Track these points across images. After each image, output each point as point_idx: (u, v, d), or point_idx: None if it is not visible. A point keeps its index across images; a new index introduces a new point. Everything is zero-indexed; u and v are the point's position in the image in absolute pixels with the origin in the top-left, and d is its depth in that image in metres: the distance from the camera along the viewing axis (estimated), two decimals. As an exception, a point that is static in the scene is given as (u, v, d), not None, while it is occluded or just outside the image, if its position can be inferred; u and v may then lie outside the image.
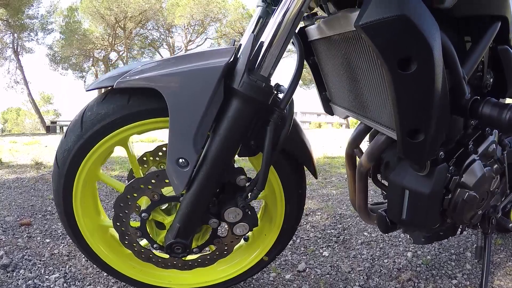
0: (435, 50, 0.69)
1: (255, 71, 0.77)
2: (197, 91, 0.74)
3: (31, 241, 1.74)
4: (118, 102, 0.85)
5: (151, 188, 0.89)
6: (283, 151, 0.85)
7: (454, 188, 0.92)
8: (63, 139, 0.90)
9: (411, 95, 0.72)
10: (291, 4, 0.75)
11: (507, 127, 0.79)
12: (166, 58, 0.82)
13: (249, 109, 0.77)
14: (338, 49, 0.95)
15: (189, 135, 0.75)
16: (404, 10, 0.66)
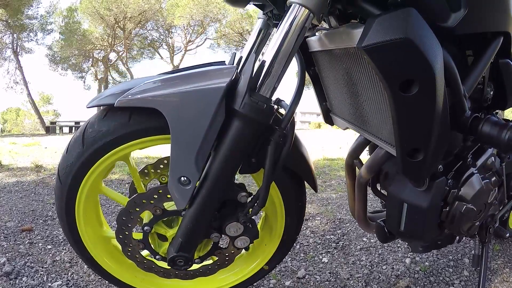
0: (437, 73, 0.69)
1: (256, 91, 0.77)
2: (198, 112, 0.75)
3: (33, 247, 1.76)
4: (119, 120, 0.86)
5: (153, 203, 0.91)
6: (284, 167, 0.85)
7: (452, 201, 0.93)
8: (65, 154, 0.91)
9: (412, 116, 0.73)
10: (292, 23, 0.75)
11: (505, 147, 0.80)
12: (167, 76, 0.82)
13: (250, 130, 0.78)
14: (339, 62, 0.95)
15: (190, 154, 0.76)
16: (408, 33, 0.66)
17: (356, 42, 0.81)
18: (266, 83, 0.78)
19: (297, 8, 0.74)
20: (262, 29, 1.08)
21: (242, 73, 0.78)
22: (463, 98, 0.81)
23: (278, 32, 0.77)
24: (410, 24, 0.67)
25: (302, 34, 0.77)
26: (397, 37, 0.65)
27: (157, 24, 25.17)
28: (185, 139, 0.76)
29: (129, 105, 0.80)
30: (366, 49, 0.67)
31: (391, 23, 0.67)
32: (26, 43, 24.23)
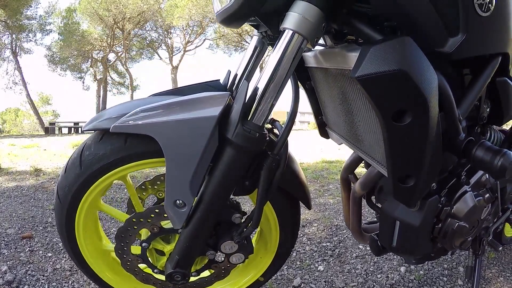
0: (431, 104, 0.69)
1: (249, 119, 0.78)
2: (192, 140, 0.76)
3: (33, 255, 1.78)
4: (115, 144, 0.88)
5: (150, 221, 0.93)
6: (278, 187, 0.87)
7: (445, 218, 0.94)
8: (63, 175, 0.93)
9: (404, 144, 0.73)
10: (285, 50, 0.75)
11: (497, 173, 0.80)
12: (162, 102, 0.82)
13: (243, 157, 0.79)
14: (335, 81, 0.96)
15: (185, 179, 0.78)
16: (404, 65, 0.65)
17: (351, 65, 0.80)
18: (259, 111, 0.78)
19: (291, 34, 0.74)
20: (257, 47, 1.08)
21: (235, 100, 0.79)
22: (458, 122, 0.82)
23: (272, 59, 0.77)
24: (405, 55, 0.66)
25: (296, 60, 0.77)
26: (392, 69, 0.65)
27: (156, 24, 25.18)
28: (180, 165, 0.78)
29: (123, 131, 0.81)
30: (359, 79, 0.67)
31: (386, 54, 0.66)
32: (25, 44, 24.26)
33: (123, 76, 29.26)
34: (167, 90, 0.98)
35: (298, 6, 0.72)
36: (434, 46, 0.75)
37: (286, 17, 0.74)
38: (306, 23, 0.72)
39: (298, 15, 0.72)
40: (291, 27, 0.73)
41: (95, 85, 27.22)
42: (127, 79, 28.40)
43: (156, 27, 25.51)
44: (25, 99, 25.55)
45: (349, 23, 0.81)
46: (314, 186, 3.42)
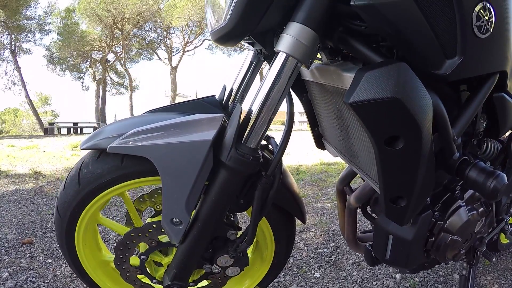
0: (425, 130, 0.69)
1: (243, 142, 0.78)
2: (187, 162, 0.78)
3: (34, 261, 1.80)
4: (112, 163, 0.89)
5: (148, 236, 0.96)
6: (273, 204, 0.89)
7: (438, 232, 0.95)
8: (63, 191, 0.95)
9: (396, 168, 0.73)
10: (279, 73, 0.75)
11: (489, 195, 0.81)
12: (156, 124, 0.83)
13: (237, 179, 0.80)
14: (331, 97, 0.97)
15: (181, 199, 0.80)
16: (397, 92, 0.65)
17: (346, 84, 0.82)
18: (253, 135, 0.78)
19: (285, 56, 0.74)
20: (253, 61, 1.09)
21: (229, 123, 0.80)
22: (452, 142, 0.82)
23: (265, 81, 0.77)
24: (399, 82, 0.66)
25: (290, 83, 0.77)
26: (385, 96, 0.65)
27: (155, 25, 25.17)
28: (175, 186, 0.80)
29: (120, 152, 0.82)
30: (353, 106, 0.67)
31: (380, 80, 0.66)
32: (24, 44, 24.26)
33: (122, 76, 29.26)
34: (163, 107, 1.00)
35: (292, 28, 0.73)
36: (430, 68, 0.75)
37: (281, 39, 0.74)
38: (300, 46, 0.72)
39: (292, 38, 0.72)
40: (285, 50, 0.73)
41: (94, 86, 27.24)
42: (126, 79, 28.41)
43: (155, 27, 25.51)
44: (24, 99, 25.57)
45: (345, 41, 0.82)
46: (312, 189, 3.44)
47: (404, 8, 0.68)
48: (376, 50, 0.78)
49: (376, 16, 0.69)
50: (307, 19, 0.71)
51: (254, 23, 0.74)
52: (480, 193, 0.84)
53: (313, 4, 0.71)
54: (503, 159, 1.13)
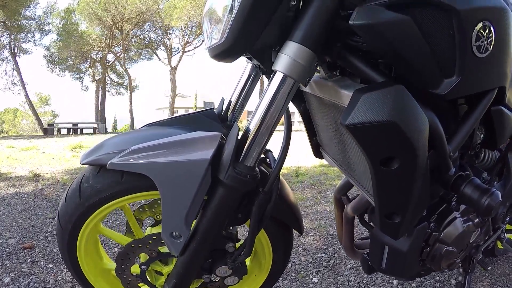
0: (420, 152, 0.70)
1: (240, 161, 0.79)
2: (185, 180, 0.79)
3: (35, 266, 1.81)
4: (112, 178, 0.91)
5: (148, 247, 0.98)
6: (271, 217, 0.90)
7: (433, 243, 0.96)
8: (64, 203, 0.96)
9: (391, 186, 0.74)
10: (277, 92, 0.75)
11: (483, 212, 0.82)
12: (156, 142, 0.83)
13: (234, 196, 0.82)
14: (328, 111, 0.97)
15: (180, 215, 0.81)
16: (394, 116, 0.65)
17: (343, 101, 0.83)
18: (251, 152, 0.79)
19: (282, 76, 0.74)
20: (251, 74, 1.10)
21: (227, 142, 0.81)
22: (448, 158, 0.82)
23: (263, 100, 0.77)
24: (396, 106, 0.66)
25: (287, 102, 0.78)
26: (381, 120, 0.65)
27: (154, 25, 25.22)
28: (174, 202, 0.81)
29: (119, 168, 0.84)
30: (349, 127, 0.67)
31: (376, 103, 0.66)
32: (24, 44, 24.30)
33: (122, 76, 29.31)
34: (161, 120, 1.01)
35: (290, 47, 0.72)
36: (428, 87, 0.75)
37: (278, 59, 0.74)
38: (298, 66, 0.72)
39: (290, 59, 0.72)
40: (282, 70, 0.73)
41: (94, 86, 27.29)
42: (125, 79, 28.46)
43: (155, 27, 25.56)
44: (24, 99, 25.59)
45: (343, 57, 0.81)
46: (311, 192, 3.46)
47: (403, 28, 0.68)
48: (374, 67, 0.78)
49: (375, 36, 0.70)
50: (304, 38, 0.71)
51: (252, 41, 0.74)
52: (474, 210, 0.86)
53: (310, 24, 0.71)
54: (501, 168, 1.14)
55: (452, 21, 0.70)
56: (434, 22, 0.70)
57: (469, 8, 0.71)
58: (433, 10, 0.70)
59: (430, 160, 0.77)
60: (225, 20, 0.74)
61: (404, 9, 0.68)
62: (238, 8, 0.70)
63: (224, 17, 0.74)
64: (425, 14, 0.69)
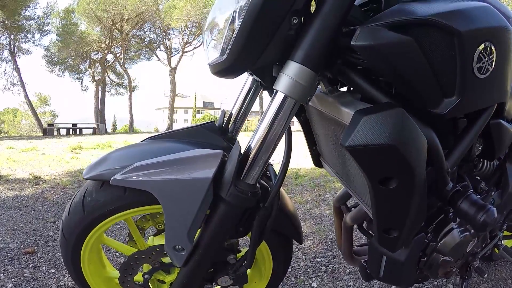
0: (418, 171, 0.71)
1: (242, 179, 0.80)
2: (188, 197, 0.80)
3: (37, 271, 1.83)
4: (115, 193, 0.92)
5: (151, 258, 1.00)
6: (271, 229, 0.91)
7: (430, 253, 0.98)
8: (67, 216, 0.97)
9: (389, 204, 0.76)
10: (278, 112, 0.75)
11: (479, 228, 0.83)
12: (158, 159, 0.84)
13: (235, 212, 0.83)
14: (328, 124, 0.98)
15: (183, 229, 0.83)
16: (393, 140, 0.66)
17: (343, 118, 0.85)
18: (252, 170, 0.80)
19: (283, 97, 0.74)
20: (251, 87, 1.10)
21: (228, 160, 0.82)
22: (446, 174, 0.83)
23: (264, 119, 0.77)
24: (396, 129, 0.67)
25: (288, 121, 0.78)
26: (381, 143, 0.66)
27: (154, 25, 25.21)
28: (177, 218, 0.83)
29: (122, 185, 0.85)
30: (349, 149, 0.69)
31: (377, 126, 0.67)
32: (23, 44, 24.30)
33: (122, 77, 29.31)
34: (162, 133, 1.02)
35: (291, 68, 0.73)
36: (427, 106, 0.76)
37: (279, 78, 0.74)
38: (299, 87, 0.72)
39: (291, 79, 0.72)
40: (283, 91, 0.74)
41: (94, 86, 27.27)
42: (125, 80, 28.47)
43: (155, 28, 25.55)
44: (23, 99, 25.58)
45: (344, 73, 0.82)
46: (311, 195, 3.47)
47: (405, 49, 0.69)
48: (375, 84, 0.79)
49: (376, 57, 0.70)
50: (305, 58, 0.71)
51: (253, 60, 0.74)
52: (470, 225, 0.86)
53: (312, 43, 0.71)
54: (499, 177, 1.15)
55: (454, 42, 0.71)
56: (436, 43, 0.70)
57: (471, 29, 0.71)
58: (436, 31, 0.70)
59: (428, 176, 0.78)
60: (226, 38, 0.74)
61: (406, 30, 0.69)
62: (239, 27, 0.70)
63: (225, 35, 0.74)
64: (427, 35, 0.70)
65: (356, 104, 0.82)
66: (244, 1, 0.70)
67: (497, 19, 0.77)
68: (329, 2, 0.70)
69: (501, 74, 0.81)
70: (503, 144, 0.99)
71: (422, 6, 0.71)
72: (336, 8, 0.70)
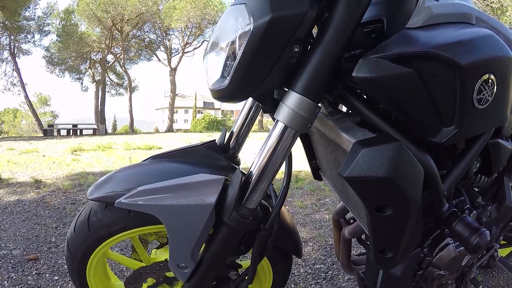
0: (414, 200, 0.73)
1: (243, 203, 0.82)
2: (191, 221, 0.83)
3: (41, 278, 1.85)
4: (120, 213, 0.94)
5: (155, 273, 1.03)
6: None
7: (426, 267, 1.00)
8: (73, 233, 0.99)
9: (385, 229, 0.78)
10: (278, 141, 0.76)
11: (472, 250, 0.85)
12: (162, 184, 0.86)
13: (237, 235, 0.86)
14: (328, 143, 1.00)
15: (187, 250, 0.86)
16: (391, 173, 0.68)
17: (343, 143, 0.86)
18: (253, 196, 0.82)
19: (283, 126, 0.75)
20: (252, 107, 1.12)
21: (230, 186, 0.84)
22: (442, 197, 0.84)
23: (265, 147, 0.79)
24: (393, 163, 0.69)
25: (289, 149, 0.79)
26: (379, 176, 0.68)
27: (154, 26, 25.23)
28: (181, 239, 0.85)
29: (127, 208, 0.87)
30: (347, 179, 0.70)
31: (375, 159, 0.69)
32: (24, 45, 24.33)
33: (122, 77, 29.34)
34: (164, 153, 1.03)
35: (292, 99, 0.73)
36: (426, 135, 0.77)
37: (280, 108, 0.75)
38: (299, 117, 0.73)
39: (291, 111, 0.73)
40: (284, 121, 0.74)
41: (94, 87, 27.29)
42: (125, 80, 28.47)
43: (155, 28, 25.58)
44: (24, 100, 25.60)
45: (344, 97, 0.83)
46: (311, 199, 3.49)
47: (407, 81, 0.70)
48: (374, 109, 0.80)
49: (378, 89, 0.71)
50: (306, 89, 0.72)
51: (254, 88, 0.74)
52: (464, 246, 0.87)
53: (313, 74, 0.72)
54: (496, 190, 1.17)
55: (455, 75, 0.71)
56: (437, 75, 0.71)
57: (473, 62, 0.71)
58: (438, 64, 0.70)
59: (425, 199, 0.80)
60: (228, 65, 0.74)
61: (408, 62, 0.69)
62: (241, 55, 0.70)
63: (227, 62, 0.75)
64: (429, 67, 0.70)
65: (355, 131, 0.83)
66: (245, 28, 0.70)
67: (500, 48, 0.77)
68: (331, 30, 0.71)
69: (500, 102, 0.81)
70: (501, 161, 1.01)
71: (425, 34, 0.71)
72: (338, 37, 0.71)
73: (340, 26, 0.70)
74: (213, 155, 1.01)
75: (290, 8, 0.69)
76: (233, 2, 0.78)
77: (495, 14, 15.57)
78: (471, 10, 0.81)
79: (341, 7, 0.70)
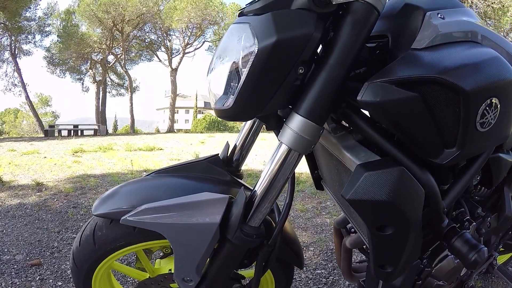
0: (414, 221, 0.74)
1: (247, 222, 0.83)
2: (196, 239, 0.84)
3: (44, 284, 1.86)
4: (125, 229, 0.95)
5: (160, 284, 1.04)
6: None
7: (425, 277, 1.00)
8: (78, 247, 1.00)
9: (385, 246, 0.80)
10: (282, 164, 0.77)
11: (470, 266, 0.85)
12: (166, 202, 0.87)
13: (240, 251, 0.88)
14: (331, 158, 1.01)
15: (191, 265, 0.87)
16: (393, 198, 0.70)
17: (346, 161, 0.87)
18: (256, 215, 0.83)
19: (287, 149, 0.75)
20: (256, 120, 1.12)
21: (234, 205, 0.85)
22: (442, 213, 0.85)
23: (270, 169, 0.79)
24: (395, 188, 0.70)
25: (292, 171, 0.80)
26: (381, 199, 0.70)
27: (155, 27, 25.25)
28: (186, 255, 0.87)
29: (133, 225, 0.88)
30: (350, 201, 0.72)
31: (377, 183, 0.70)
32: (24, 45, 24.35)
33: (122, 77, 29.35)
34: (168, 168, 1.04)
35: (295, 121, 0.73)
36: (428, 156, 0.77)
37: (283, 131, 0.75)
38: (303, 141, 0.73)
39: (295, 134, 0.73)
40: (287, 144, 0.74)
41: (94, 87, 27.29)
42: (126, 80, 28.48)
43: (155, 29, 25.60)
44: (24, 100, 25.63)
45: (347, 116, 0.83)
46: (312, 203, 3.50)
47: (412, 105, 0.70)
48: (377, 129, 0.80)
49: (382, 113, 0.72)
50: (310, 112, 0.72)
51: (259, 109, 0.73)
52: (461, 262, 0.88)
53: (317, 97, 0.71)
54: (496, 199, 1.17)
55: (460, 100, 0.71)
56: (442, 100, 0.71)
57: (477, 87, 0.71)
58: (442, 89, 0.70)
59: (425, 216, 0.81)
60: (232, 86, 0.74)
61: (413, 87, 0.69)
62: (245, 77, 0.69)
63: (230, 83, 0.74)
64: (434, 92, 0.70)
65: (358, 151, 0.84)
66: (250, 49, 0.68)
67: (506, 71, 0.76)
68: (336, 52, 0.70)
69: (503, 123, 0.81)
70: (501, 174, 1.01)
71: (431, 57, 0.71)
72: (343, 58, 0.70)
73: (346, 47, 0.70)
74: (217, 170, 1.02)
75: (296, 29, 0.67)
76: (236, 20, 0.77)
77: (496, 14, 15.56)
78: (477, 28, 0.80)
79: (346, 27, 0.69)
